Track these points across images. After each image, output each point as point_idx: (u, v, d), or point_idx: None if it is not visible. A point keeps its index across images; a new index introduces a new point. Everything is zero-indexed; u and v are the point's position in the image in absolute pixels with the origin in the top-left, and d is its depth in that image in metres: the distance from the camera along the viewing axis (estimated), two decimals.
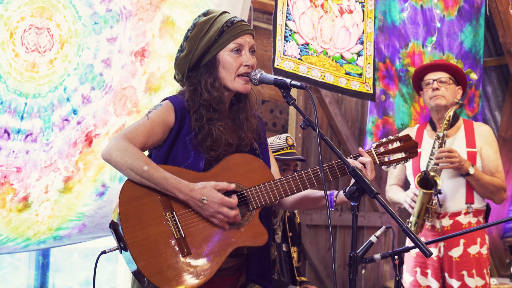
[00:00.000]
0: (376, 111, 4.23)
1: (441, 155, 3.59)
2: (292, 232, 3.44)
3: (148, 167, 2.22)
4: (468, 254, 3.67)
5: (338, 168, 2.39)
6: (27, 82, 2.81)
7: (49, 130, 2.91)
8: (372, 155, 2.44)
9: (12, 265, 3.67)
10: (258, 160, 2.42)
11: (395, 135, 2.50)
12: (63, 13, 2.88)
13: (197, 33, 2.36)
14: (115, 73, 3.05)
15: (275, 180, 2.38)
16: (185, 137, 2.35)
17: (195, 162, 2.34)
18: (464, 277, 3.64)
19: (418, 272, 3.74)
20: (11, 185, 2.82)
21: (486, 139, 3.80)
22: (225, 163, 2.36)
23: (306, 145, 5.01)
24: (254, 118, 2.49)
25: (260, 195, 2.35)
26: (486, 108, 5.88)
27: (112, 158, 2.24)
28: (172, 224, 2.25)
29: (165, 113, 2.34)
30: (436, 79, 3.80)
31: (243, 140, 2.43)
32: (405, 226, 2.04)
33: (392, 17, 4.29)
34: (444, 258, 3.70)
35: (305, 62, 3.62)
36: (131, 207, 2.24)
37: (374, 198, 2.11)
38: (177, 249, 2.24)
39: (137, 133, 2.28)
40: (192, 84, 2.39)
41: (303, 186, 2.39)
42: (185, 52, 2.37)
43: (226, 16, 2.40)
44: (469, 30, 4.66)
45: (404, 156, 2.47)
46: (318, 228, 5.06)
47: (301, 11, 3.62)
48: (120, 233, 2.23)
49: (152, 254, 2.21)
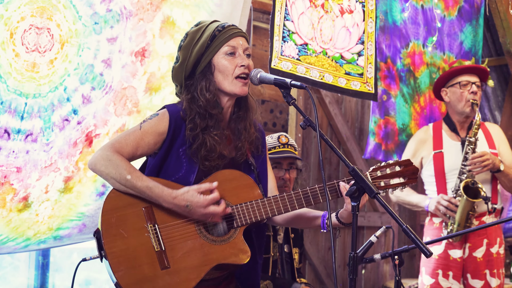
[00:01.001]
0: (378, 111, 4.23)
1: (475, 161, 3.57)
2: (294, 233, 3.44)
3: (131, 176, 2.23)
4: (491, 254, 3.68)
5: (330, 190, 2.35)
6: (27, 82, 2.81)
7: (49, 130, 2.91)
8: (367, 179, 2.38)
9: (12, 265, 3.67)
10: (247, 177, 2.39)
11: (394, 160, 2.44)
12: (63, 13, 2.88)
13: (189, 41, 2.39)
14: (115, 73, 3.05)
15: (263, 199, 2.35)
16: (178, 148, 2.35)
17: (186, 175, 2.34)
18: (487, 276, 3.65)
19: (440, 274, 3.71)
20: (11, 185, 2.82)
21: (501, 138, 3.84)
22: (213, 178, 2.33)
23: (306, 145, 5.01)
24: (254, 128, 2.46)
25: (246, 213, 2.33)
26: (486, 108, 5.88)
27: (96, 168, 2.28)
28: (153, 236, 2.26)
29: (159, 123, 2.35)
30: (474, 82, 3.78)
31: (239, 150, 2.42)
32: (405, 226, 2.04)
33: (393, 17, 4.29)
34: (468, 259, 3.70)
35: (303, 62, 3.62)
36: (113, 216, 2.25)
37: (374, 198, 2.10)
38: (156, 262, 2.24)
39: (126, 143, 2.31)
40: (189, 92, 2.39)
41: (292, 207, 2.36)
42: (180, 61, 2.39)
43: (216, 23, 2.42)
44: (469, 30, 4.66)
45: (402, 182, 2.41)
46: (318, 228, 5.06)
47: (300, 11, 3.62)
48: (101, 242, 2.24)
49: (131, 265, 2.22)
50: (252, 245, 2.41)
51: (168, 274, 2.24)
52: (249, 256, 2.33)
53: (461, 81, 3.82)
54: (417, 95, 4.41)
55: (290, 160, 3.29)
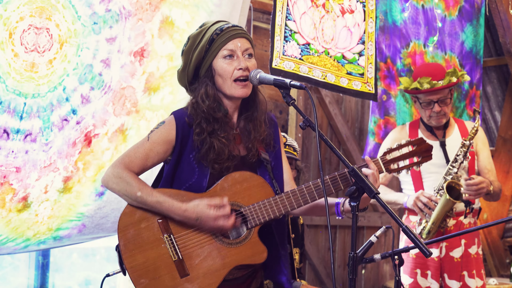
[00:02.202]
0: (378, 111, 4.22)
1: (472, 188, 3.51)
2: (295, 234, 3.44)
3: (142, 193, 2.30)
4: (469, 254, 3.66)
5: (341, 179, 2.36)
6: (26, 82, 2.81)
7: (49, 130, 2.90)
8: (378, 164, 2.39)
9: (12, 265, 3.67)
10: (257, 177, 2.40)
11: (406, 140, 2.43)
12: (62, 13, 2.88)
13: (190, 46, 2.40)
14: (114, 73, 3.05)
15: (275, 197, 2.36)
16: (189, 154, 2.37)
17: (199, 180, 2.36)
18: (465, 277, 3.63)
19: (419, 274, 3.71)
20: (11, 185, 2.82)
21: (480, 137, 3.80)
22: (224, 182, 2.36)
23: (306, 145, 5.00)
24: (264, 126, 2.45)
25: (259, 213, 2.35)
26: (486, 108, 5.88)
27: (109, 186, 2.36)
28: (170, 246, 2.31)
29: (167, 131, 2.38)
30: (436, 100, 3.67)
31: (250, 151, 2.42)
32: (405, 226, 2.04)
33: (393, 17, 4.29)
34: (444, 259, 3.68)
35: (306, 62, 3.61)
36: (130, 232, 2.33)
37: (374, 198, 2.10)
38: (175, 271, 2.30)
39: (135, 156, 2.36)
40: (194, 96, 2.42)
41: (304, 201, 2.36)
42: (182, 66, 2.43)
43: (217, 25, 2.40)
44: (470, 30, 4.66)
45: (417, 161, 2.42)
46: (318, 228, 5.06)
47: (302, 11, 3.61)
48: (121, 257, 2.33)
49: (151, 277, 2.29)
50: (273, 238, 2.44)
51: (188, 282, 2.30)
52: (266, 254, 2.36)
53: (422, 102, 3.73)
54: None
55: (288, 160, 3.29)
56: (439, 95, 3.68)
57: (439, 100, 3.68)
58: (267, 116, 2.49)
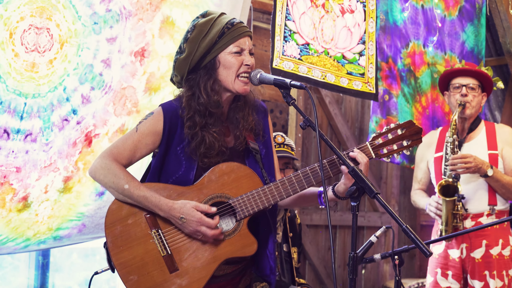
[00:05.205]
0: (379, 111, 4.22)
1: (455, 161, 3.56)
2: (292, 233, 3.43)
3: (129, 186, 2.28)
4: (490, 255, 3.66)
5: (330, 166, 2.34)
6: (27, 82, 2.81)
7: (49, 130, 2.91)
8: (367, 149, 2.37)
9: (12, 265, 3.67)
10: (245, 167, 2.38)
11: (396, 124, 2.40)
12: (62, 13, 2.88)
13: (197, 34, 2.35)
14: (114, 73, 3.05)
15: (263, 187, 2.34)
16: (176, 147, 2.35)
17: (186, 173, 2.34)
18: (487, 277, 3.63)
19: (439, 273, 3.71)
20: (11, 185, 2.82)
21: (506, 140, 3.78)
22: (211, 173, 2.33)
23: (306, 145, 5.01)
24: (253, 115, 2.44)
25: (248, 204, 2.32)
26: (486, 108, 5.88)
27: (96, 177, 2.34)
28: (158, 242, 2.29)
29: (154, 122, 2.36)
30: (465, 84, 3.74)
31: (238, 139, 2.41)
32: (405, 226, 2.03)
33: (393, 17, 4.29)
34: (466, 260, 3.68)
35: (305, 62, 3.61)
36: (117, 228, 2.29)
37: (374, 198, 2.10)
38: (165, 267, 2.27)
39: (124, 148, 2.34)
40: (190, 88, 2.37)
41: (293, 190, 2.34)
42: (185, 54, 2.36)
43: (225, 18, 2.39)
44: (471, 30, 4.66)
45: (407, 144, 2.39)
46: (318, 228, 5.06)
47: (301, 11, 3.61)
48: (109, 254, 2.30)
49: (140, 273, 2.27)
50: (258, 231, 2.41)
51: (177, 277, 2.27)
52: (256, 245, 2.33)
53: (452, 84, 3.81)
54: (418, 95, 4.41)
55: (285, 160, 3.29)
56: (469, 80, 3.75)
57: (468, 85, 3.74)
58: (258, 103, 2.48)
